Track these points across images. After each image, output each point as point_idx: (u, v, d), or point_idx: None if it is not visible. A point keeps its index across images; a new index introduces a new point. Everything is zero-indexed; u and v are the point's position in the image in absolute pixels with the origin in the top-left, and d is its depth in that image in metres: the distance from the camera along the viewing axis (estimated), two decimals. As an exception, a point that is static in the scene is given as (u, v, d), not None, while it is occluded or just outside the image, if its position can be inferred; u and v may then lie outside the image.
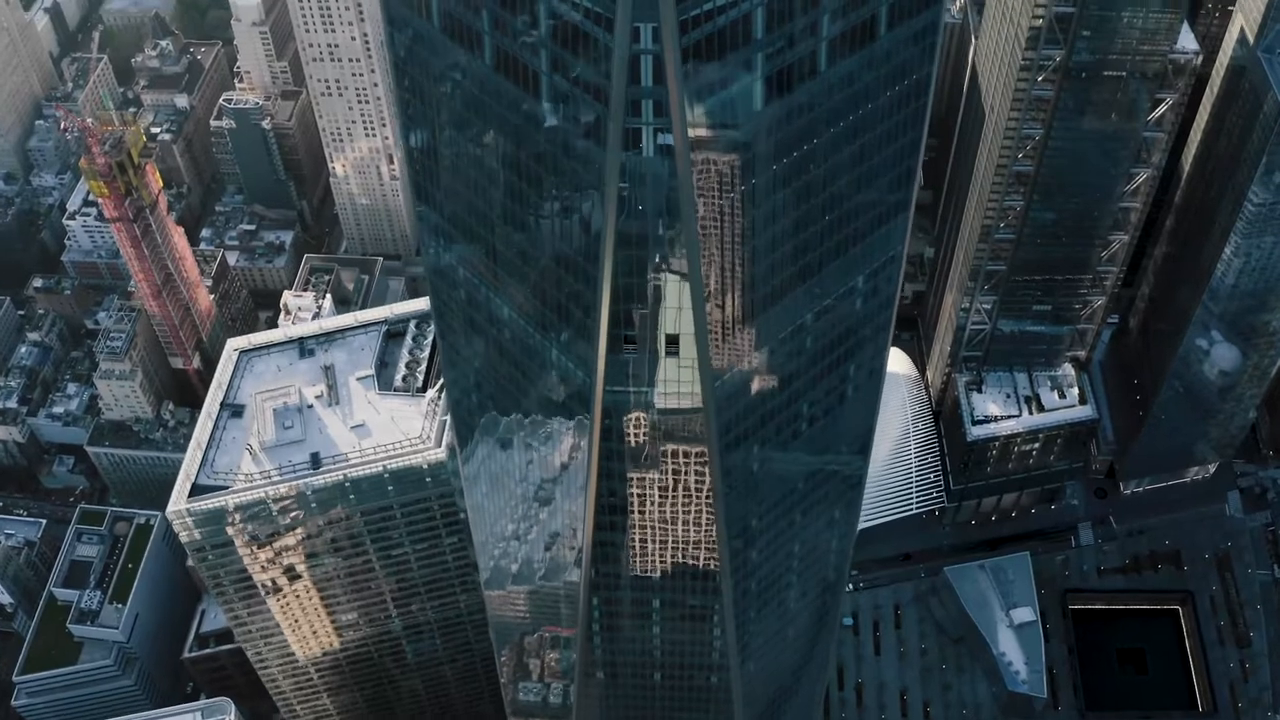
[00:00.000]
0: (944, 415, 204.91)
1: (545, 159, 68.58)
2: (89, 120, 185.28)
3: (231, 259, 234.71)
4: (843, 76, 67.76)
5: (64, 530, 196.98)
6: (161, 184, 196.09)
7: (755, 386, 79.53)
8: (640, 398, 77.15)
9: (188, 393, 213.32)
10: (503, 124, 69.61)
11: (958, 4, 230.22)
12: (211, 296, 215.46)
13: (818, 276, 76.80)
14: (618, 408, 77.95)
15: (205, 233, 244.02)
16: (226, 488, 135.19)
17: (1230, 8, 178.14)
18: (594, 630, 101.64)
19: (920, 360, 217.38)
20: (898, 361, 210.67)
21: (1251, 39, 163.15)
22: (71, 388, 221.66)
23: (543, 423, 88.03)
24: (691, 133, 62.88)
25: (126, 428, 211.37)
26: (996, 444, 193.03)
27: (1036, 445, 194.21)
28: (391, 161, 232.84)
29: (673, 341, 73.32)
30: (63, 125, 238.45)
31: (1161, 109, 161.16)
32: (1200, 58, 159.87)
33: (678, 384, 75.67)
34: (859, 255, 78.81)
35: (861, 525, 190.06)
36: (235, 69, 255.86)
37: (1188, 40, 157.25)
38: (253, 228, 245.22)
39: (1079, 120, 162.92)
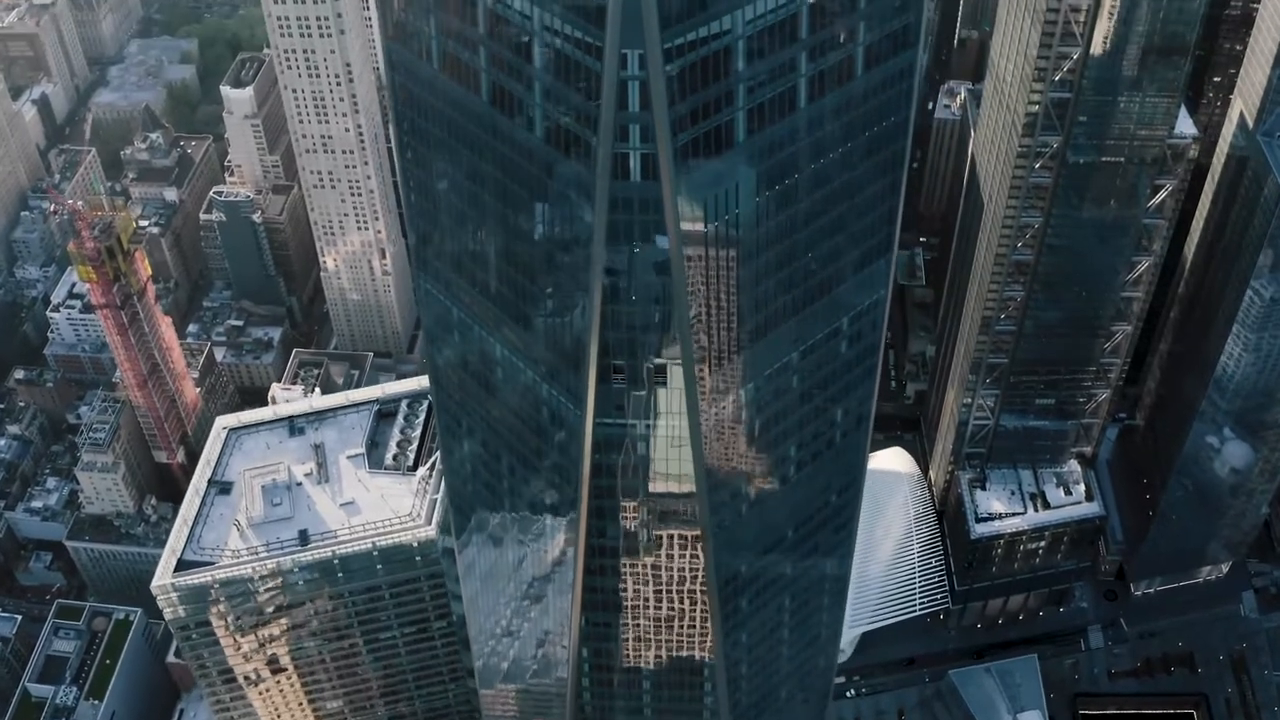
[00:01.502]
0: (947, 514, 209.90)
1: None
2: (79, 204, 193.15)
3: (218, 355, 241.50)
4: (822, 113, 75.22)
5: (39, 628, 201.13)
6: (150, 271, 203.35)
7: (743, 420, 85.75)
8: (630, 431, 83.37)
9: (170, 487, 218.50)
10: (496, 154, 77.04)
11: (957, 101, 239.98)
12: (198, 389, 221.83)
13: (802, 314, 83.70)
14: (608, 441, 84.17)
15: (192, 328, 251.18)
16: (213, 563, 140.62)
17: (1229, 96, 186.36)
18: (584, 686, 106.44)
19: (923, 460, 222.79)
20: (900, 460, 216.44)
21: (1251, 123, 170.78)
22: (51, 482, 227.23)
23: (541, 501, 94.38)
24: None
25: (107, 522, 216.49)
26: (1001, 542, 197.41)
27: (1042, 544, 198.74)
28: (384, 256, 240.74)
29: (661, 372, 79.81)
30: (52, 208, 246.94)
31: (1161, 195, 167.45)
32: (1199, 143, 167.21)
33: (665, 417, 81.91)
34: (842, 296, 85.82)
35: (864, 628, 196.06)
36: (226, 163, 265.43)
37: (1186, 125, 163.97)
38: (240, 324, 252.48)
39: (1078, 207, 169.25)
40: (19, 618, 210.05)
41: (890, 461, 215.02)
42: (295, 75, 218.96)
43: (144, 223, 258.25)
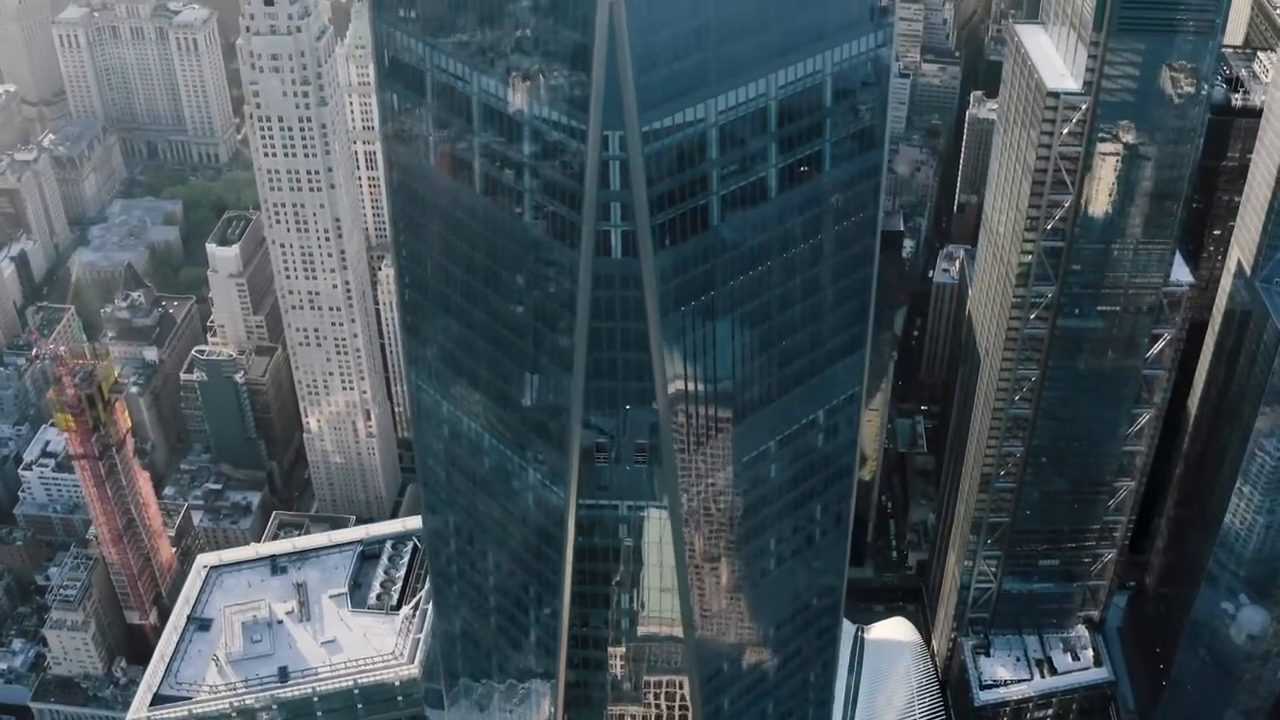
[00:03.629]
0: (950, 682, 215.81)
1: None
2: (61, 349, 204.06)
3: (195, 518, 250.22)
4: (793, 204, 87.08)
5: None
6: (130, 423, 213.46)
7: (722, 506, 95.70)
8: (614, 513, 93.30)
9: (141, 648, 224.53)
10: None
11: (956, 265, 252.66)
12: (174, 549, 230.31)
13: (778, 402, 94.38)
14: (591, 523, 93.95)
15: (168, 491, 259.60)
16: (189, 699, 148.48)
17: (1227, 247, 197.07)
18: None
19: (926, 629, 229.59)
20: (902, 630, 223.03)
21: (1249, 270, 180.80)
22: (17, 643, 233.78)
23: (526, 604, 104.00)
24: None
25: (74, 684, 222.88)
26: (1007, 710, 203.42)
27: (1050, 711, 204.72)
28: (369, 417, 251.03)
29: (642, 451, 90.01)
30: (34, 352, 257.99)
31: (1160, 345, 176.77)
32: (1197, 293, 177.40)
33: (646, 498, 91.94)
34: (818, 387, 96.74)
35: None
36: (209, 323, 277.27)
37: (1182, 273, 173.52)
38: (219, 487, 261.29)
39: (1075, 358, 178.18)
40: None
41: (892, 631, 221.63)
42: (284, 230, 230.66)
43: (122, 383, 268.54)
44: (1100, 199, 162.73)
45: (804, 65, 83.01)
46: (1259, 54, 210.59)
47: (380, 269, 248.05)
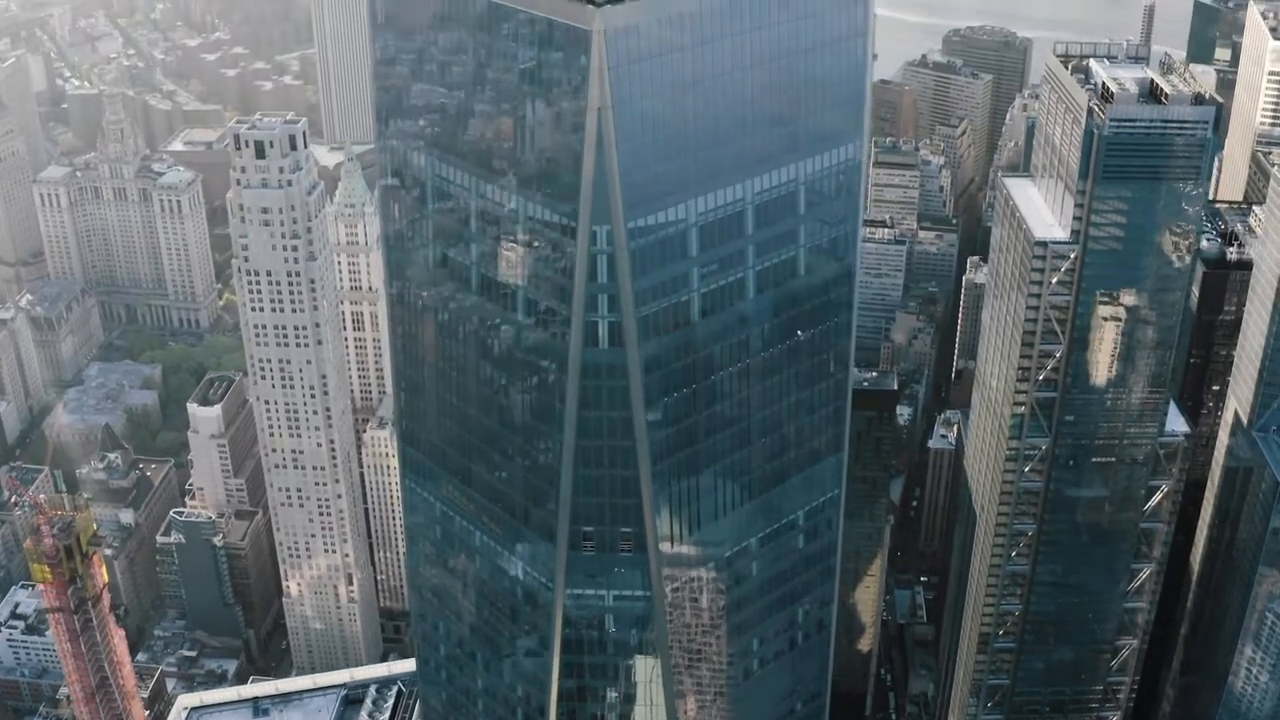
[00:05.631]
0: None
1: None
2: (41, 496, 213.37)
3: (169, 685, 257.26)
4: (770, 304, 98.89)
5: None
6: (107, 578, 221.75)
7: (706, 600, 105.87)
8: (602, 604, 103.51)
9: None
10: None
11: (953, 430, 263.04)
12: (147, 713, 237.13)
13: (759, 499, 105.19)
14: (578, 613, 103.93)
15: (142, 656, 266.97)
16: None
17: (1224, 402, 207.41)
18: None
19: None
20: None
21: (1246, 421, 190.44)
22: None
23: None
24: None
25: None
26: None
27: None
28: (351, 582, 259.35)
29: (627, 540, 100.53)
30: (13, 500, 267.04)
31: (1157, 497, 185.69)
32: (1196, 445, 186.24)
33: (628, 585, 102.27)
34: (797, 487, 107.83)
35: None
36: (187, 486, 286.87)
37: (1177, 423, 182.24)
38: (193, 654, 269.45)
39: (1071, 512, 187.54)
40: None
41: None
42: (269, 386, 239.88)
43: (100, 536, 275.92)
44: (1091, 348, 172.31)
45: (780, 174, 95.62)
46: (1254, 208, 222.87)
47: (365, 431, 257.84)
